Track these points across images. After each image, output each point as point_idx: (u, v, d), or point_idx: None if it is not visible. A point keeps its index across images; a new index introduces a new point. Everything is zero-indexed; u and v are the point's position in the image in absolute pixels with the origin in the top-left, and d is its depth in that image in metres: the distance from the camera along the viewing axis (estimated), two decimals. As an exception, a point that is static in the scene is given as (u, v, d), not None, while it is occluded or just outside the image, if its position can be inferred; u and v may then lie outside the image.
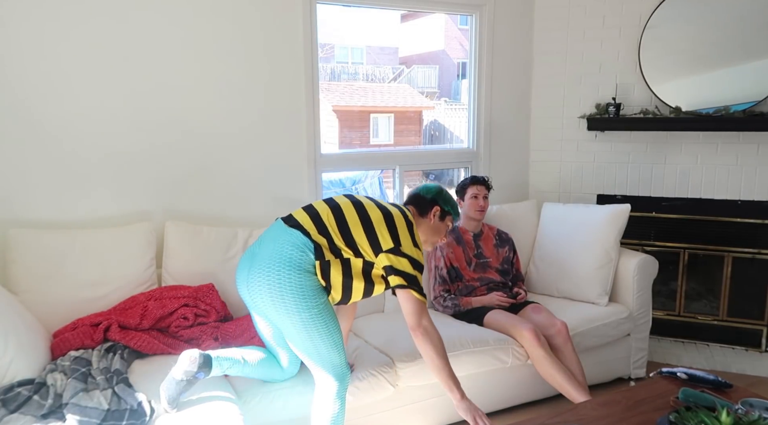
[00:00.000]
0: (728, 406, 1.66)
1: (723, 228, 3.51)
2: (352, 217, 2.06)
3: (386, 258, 2.02)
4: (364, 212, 2.07)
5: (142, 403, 1.86)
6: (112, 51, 2.66)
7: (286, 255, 1.97)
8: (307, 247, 1.98)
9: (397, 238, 2.04)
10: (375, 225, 2.04)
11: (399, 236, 2.05)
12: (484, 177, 3.14)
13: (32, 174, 2.58)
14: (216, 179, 2.95)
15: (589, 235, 3.19)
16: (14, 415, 1.78)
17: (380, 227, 2.04)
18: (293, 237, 2.00)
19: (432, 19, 16.53)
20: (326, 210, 2.08)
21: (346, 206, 2.09)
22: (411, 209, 2.29)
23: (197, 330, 2.44)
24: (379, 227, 2.04)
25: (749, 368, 3.30)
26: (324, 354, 2.01)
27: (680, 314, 3.68)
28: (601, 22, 3.62)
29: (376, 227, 2.04)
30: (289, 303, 1.94)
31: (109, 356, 2.18)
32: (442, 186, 2.34)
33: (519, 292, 3.01)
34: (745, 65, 3.27)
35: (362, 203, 2.11)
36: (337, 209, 2.08)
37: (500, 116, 3.79)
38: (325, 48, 15.47)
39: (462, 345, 2.59)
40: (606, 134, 3.70)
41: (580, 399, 2.50)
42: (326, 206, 2.11)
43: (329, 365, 2.03)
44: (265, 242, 2.05)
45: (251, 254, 2.07)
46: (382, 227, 2.04)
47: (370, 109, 13.74)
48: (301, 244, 1.98)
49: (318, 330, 1.98)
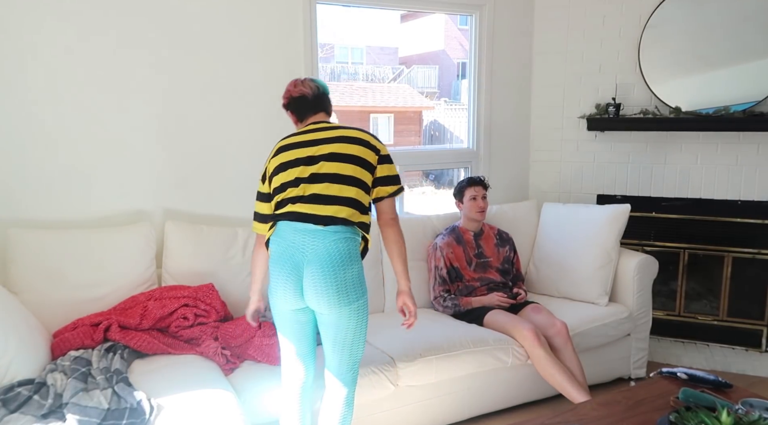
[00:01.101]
0: (728, 406, 1.66)
1: (723, 228, 3.51)
2: (342, 168, 1.97)
3: (383, 170, 2.05)
4: (342, 155, 2.00)
5: (142, 402, 1.86)
6: (112, 52, 2.66)
7: (344, 250, 1.90)
8: (353, 232, 1.96)
9: (376, 148, 2.06)
10: (360, 155, 2.01)
11: (377, 147, 2.06)
12: (480, 177, 3.13)
13: (32, 174, 2.58)
14: (216, 179, 2.95)
15: (589, 235, 3.19)
16: (14, 415, 1.78)
17: (363, 153, 2.02)
18: (339, 233, 1.91)
19: (432, 19, 16.54)
20: (328, 185, 1.95)
21: (330, 167, 1.98)
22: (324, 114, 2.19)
23: (197, 330, 2.44)
24: (363, 153, 2.02)
25: (749, 368, 3.30)
26: (361, 349, 2.04)
27: (680, 314, 3.68)
28: (601, 22, 3.62)
29: (362, 155, 2.01)
30: (351, 294, 1.92)
31: (109, 356, 2.18)
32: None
33: (519, 292, 3.01)
34: (745, 65, 3.27)
35: (333, 152, 2.00)
36: (336, 177, 1.97)
37: (500, 115, 3.79)
38: (325, 48, 15.48)
39: (462, 345, 2.59)
40: (606, 134, 3.70)
41: (581, 399, 2.50)
42: (324, 182, 1.95)
43: (357, 363, 2.06)
44: (308, 248, 1.90)
45: (295, 266, 1.91)
46: (362, 151, 2.02)
47: (370, 109, 13.74)
48: (351, 233, 1.95)
49: (366, 315, 2.01)
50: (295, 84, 2.17)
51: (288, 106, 2.19)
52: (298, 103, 2.15)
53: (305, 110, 2.16)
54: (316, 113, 2.16)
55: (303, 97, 2.14)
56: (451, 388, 2.62)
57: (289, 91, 2.17)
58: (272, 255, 1.98)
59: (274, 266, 1.96)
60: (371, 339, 2.66)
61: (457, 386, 2.63)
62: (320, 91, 2.17)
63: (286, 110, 2.21)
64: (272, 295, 1.98)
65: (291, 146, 2.04)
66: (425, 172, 10.88)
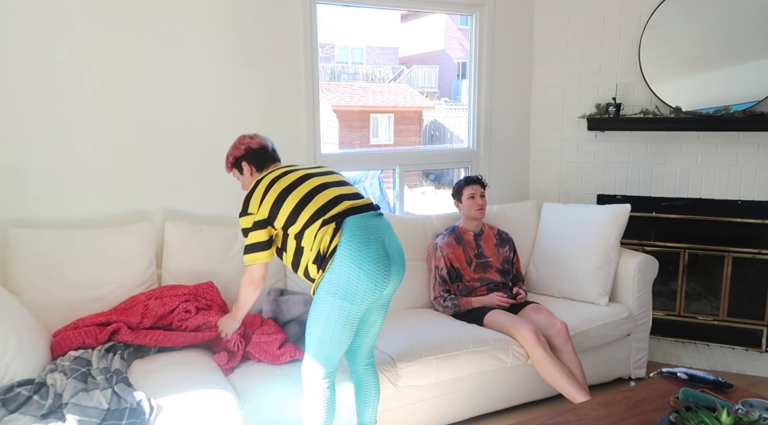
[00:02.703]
0: (728, 406, 1.66)
1: (723, 228, 3.51)
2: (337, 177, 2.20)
3: None
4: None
5: (142, 402, 1.86)
6: (112, 52, 2.66)
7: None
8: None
9: None
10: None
11: None
12: (477, 176, 3.13)
13: (32, 174, 2.58)
14: (216, 179, 2.95)
15: (589, 235, 3.19)
16: (14, 415, 1.78)
17: None
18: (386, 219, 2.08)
19: (432, 19, 16.52)
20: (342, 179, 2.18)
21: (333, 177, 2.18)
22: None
23: (201, 318, 2.40)
24: None
25: (749, 368, 3.30)
26: None
27: (680, 314, 3.68)
28: (601, 22, 3.62)
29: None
30: None
31: (109, 356, 2.18)
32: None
33: (519, 292, 3.01)
34: (745, 65, 3.27)
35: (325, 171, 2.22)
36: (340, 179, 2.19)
37: (500, 115, 3.79)
38: (325, 48, 15.47)
39: (462, 345, 2.59)
40: (606, 134, 3.70)
41: (581, 399, 2.50)
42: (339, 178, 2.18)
43: None
44: (388, 238, 2.00)
45: (387, 256, 1.96)
46: None
47: (370, 109, 13.72)
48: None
49: None
50: (251, 137, 2.31)
51: (245, 157, 2.28)
52: (260, 154, 2.28)
53: (266, 159, 2.29)
54: (274, 162, 2.30)
55: (264, 148, 2.29)
56: (451, 388, 2.62)
57: (247, 143, 2.29)
58: (357, 247, 1.90)
59: (361, 257, 1.89)
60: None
61: (457, 386, 2.63)
62: (273, 145, 2.34)
63: (235, 166, 2.31)
64: (355, 289, 1.89)
65: (279, 177, 2.11)
66: (425, 172, 10.87)
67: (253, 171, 2.28)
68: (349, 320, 1.95)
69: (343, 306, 1.91)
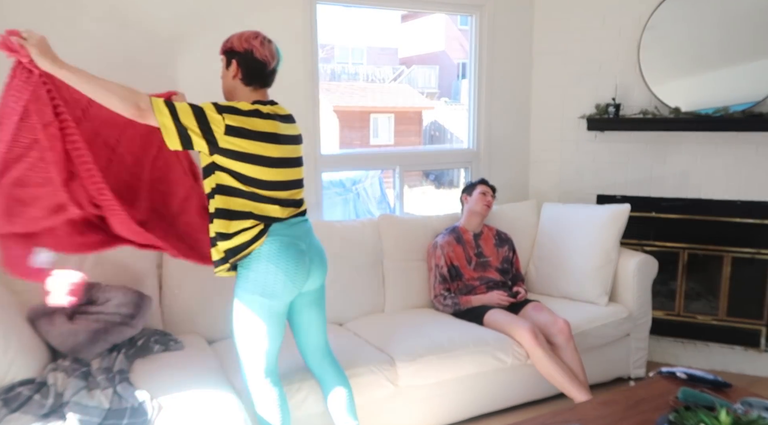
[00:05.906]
0: (727, 406, 1.67)
1: (723, 228, 3.51)
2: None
3: None
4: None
5: (145, 403, 1.87)
6: (112, 52, 2.67)
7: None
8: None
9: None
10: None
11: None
12: (492, 184, 3.23)
13: (33, 174, 2.58)
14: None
15: (589, 235, 3.19)
16: (15, 415, 1.78)
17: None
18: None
19: (432, 20, 16.53)
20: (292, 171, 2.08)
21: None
22: None
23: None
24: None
25: (748, 368, 3.31)
26: None
27: (680, 314, 3.68)
28: (601, 22, 3.62)
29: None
30: None
31: (112, 355, 2.18)
32: None
33: (519, 291, 3.01)
34: (744, 65, 3.27)
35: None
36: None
37: (500, 116, 3.79)
38: (326, 48, 15.47)
39: (462, 345, 2.59)
40: (606, 134, 3.70)
41: (581, 397, 2.51)
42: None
43: None
44: (306, 237, 2.04)
45: (302, 252, 1.99)
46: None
47: (371, 109, 13.74)
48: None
49: None
50: (262, 42, 1.94)
51: (240, 56, 1.93)
52: (256, 68, 1.94)
53: (257, 79, 1.97)
54: (263, 88, 2.01)
55: (265, 64, 1.95)
56: (451, 388, 2.62)
57: (254, 46, 1.93)
58: (277, 247, 1.93)
59: (279, 256, 1.92)
60: (371, 338, 2.66)
61: (456, 386, 2.63)
62: (277, 65, 2.01)
63: (226, 54, 1.96)
64: (274, 285, 1.92)
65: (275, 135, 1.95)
66: (425, 172, 10.88)
67: (238, 77, 1.96)
68: (273, 315, 1.97)
69: (264, 303, 1.94)
